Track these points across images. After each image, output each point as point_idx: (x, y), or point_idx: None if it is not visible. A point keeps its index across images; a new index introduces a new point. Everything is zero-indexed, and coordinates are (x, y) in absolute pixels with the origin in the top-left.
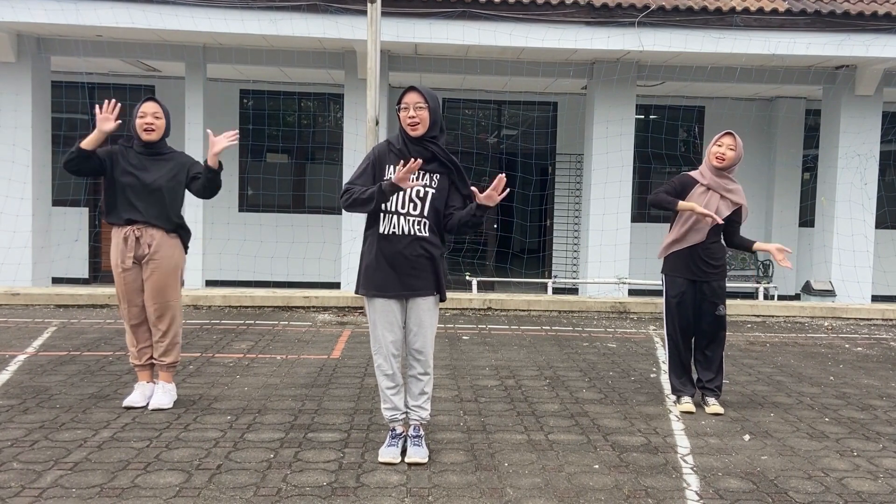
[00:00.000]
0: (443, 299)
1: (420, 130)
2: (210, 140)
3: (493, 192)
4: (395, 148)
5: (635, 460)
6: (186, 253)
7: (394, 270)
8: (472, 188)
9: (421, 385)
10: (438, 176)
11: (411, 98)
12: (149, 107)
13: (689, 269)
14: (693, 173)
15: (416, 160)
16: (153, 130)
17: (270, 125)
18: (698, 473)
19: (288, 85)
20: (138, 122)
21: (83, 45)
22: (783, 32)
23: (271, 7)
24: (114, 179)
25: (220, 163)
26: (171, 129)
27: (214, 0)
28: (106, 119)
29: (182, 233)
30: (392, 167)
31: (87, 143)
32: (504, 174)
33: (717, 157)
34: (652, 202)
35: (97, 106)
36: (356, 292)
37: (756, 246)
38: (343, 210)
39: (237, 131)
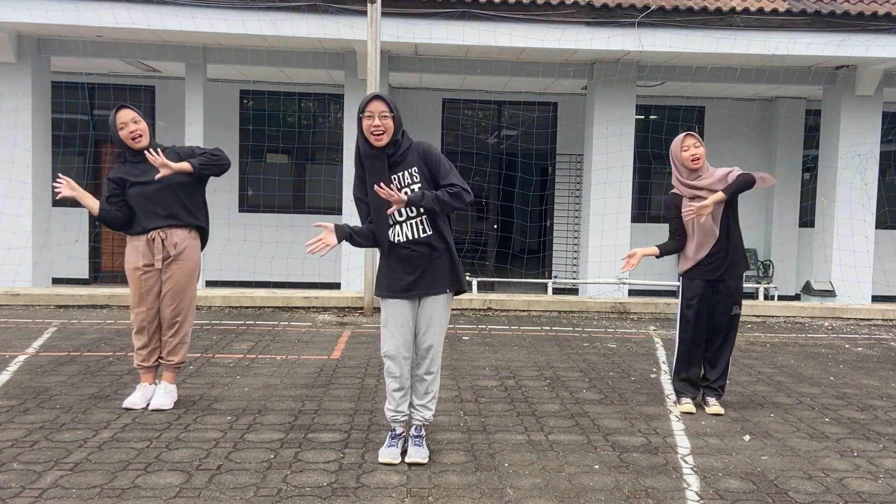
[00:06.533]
0: (463, 290)
1: (384, 140)
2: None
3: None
4: (363, 160)
5: (635, 460)
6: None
7: (406, 271)
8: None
9: (426, 384)
10: (415, 168)
11: (377, 107)
12: (125, 115)
13: (708, 270)
14: (674, 191)
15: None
16: (141, 136)
17: (270, 125)
18: (698, 474)
19: (288, 85)
20: (122, 133)
21: (83, 45)
22: (783, 32)
23: (271, 7)
24: (125, 196)
25: (191, 164)
26: (152, 129)
27: (214, 0)
28: (60, 188)
29: (202, 233)
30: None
31: (92, 209)
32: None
33: (692, 161)
34: (672, 249)
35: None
36: (375, 294)
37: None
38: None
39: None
